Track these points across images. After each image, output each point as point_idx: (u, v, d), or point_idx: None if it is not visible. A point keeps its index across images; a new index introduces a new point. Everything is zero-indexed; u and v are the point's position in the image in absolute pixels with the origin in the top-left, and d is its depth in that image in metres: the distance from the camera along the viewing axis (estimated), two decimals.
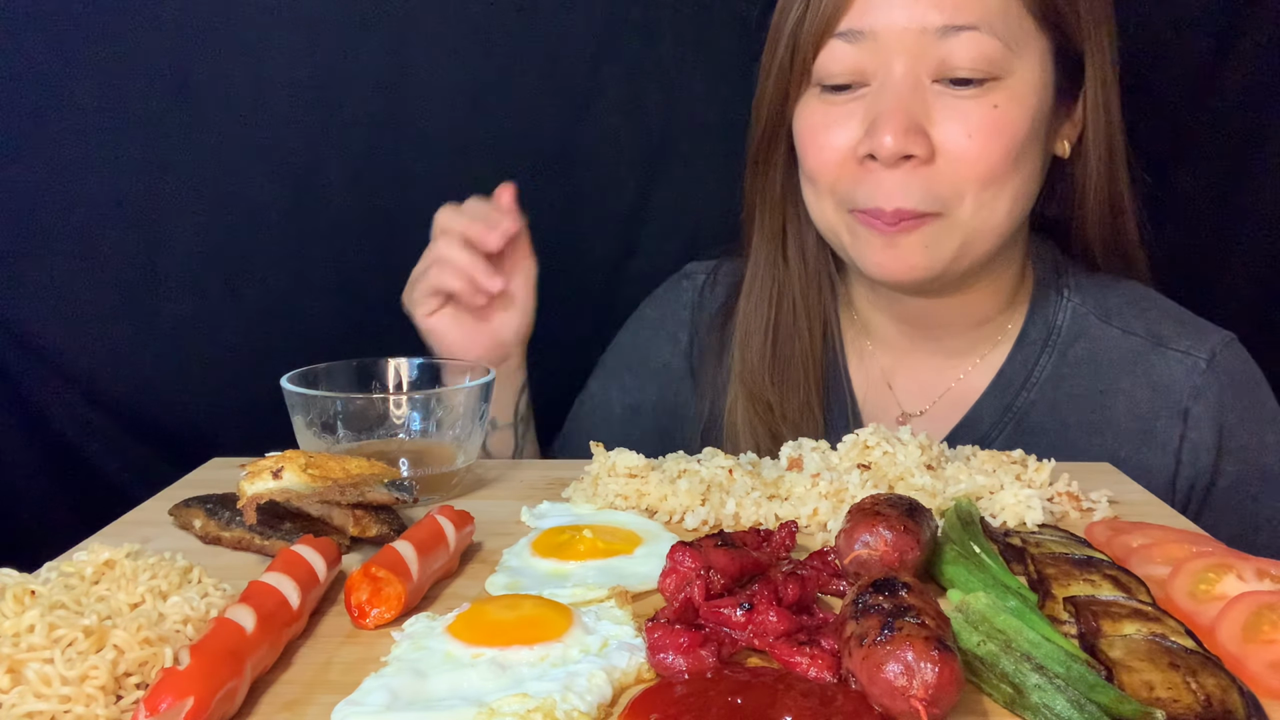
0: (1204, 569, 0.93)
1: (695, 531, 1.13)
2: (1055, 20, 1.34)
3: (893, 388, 1.58)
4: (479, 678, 0.79)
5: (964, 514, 1.06)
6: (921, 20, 1.29)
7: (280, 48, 1.85)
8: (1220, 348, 1.46)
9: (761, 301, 1.57)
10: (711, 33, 1.88)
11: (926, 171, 1.32)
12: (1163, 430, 1.45)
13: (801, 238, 1.55)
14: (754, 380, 1.55)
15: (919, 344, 1.57)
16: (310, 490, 1.05)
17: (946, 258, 1.37)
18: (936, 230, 1.35)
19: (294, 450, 1.10)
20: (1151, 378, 1.46)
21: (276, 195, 1.90)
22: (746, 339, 1.57)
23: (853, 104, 1.36)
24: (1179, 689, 0.76)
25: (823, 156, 1.39)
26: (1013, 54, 1.31)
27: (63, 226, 1.87)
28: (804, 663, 0.80)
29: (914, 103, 1.31)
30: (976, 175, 1.32)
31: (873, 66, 1.34)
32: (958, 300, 1.50)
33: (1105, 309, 1.51)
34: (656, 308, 1.74)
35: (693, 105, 1.91)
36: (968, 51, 1.29)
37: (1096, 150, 1.43)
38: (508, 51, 1.88)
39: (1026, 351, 1.52)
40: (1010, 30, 1.31)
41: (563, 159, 1.93)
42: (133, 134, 1.85)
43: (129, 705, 0.76)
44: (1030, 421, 1.49)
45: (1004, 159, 1.32)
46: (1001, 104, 1.31)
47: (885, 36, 1.31)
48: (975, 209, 1.34)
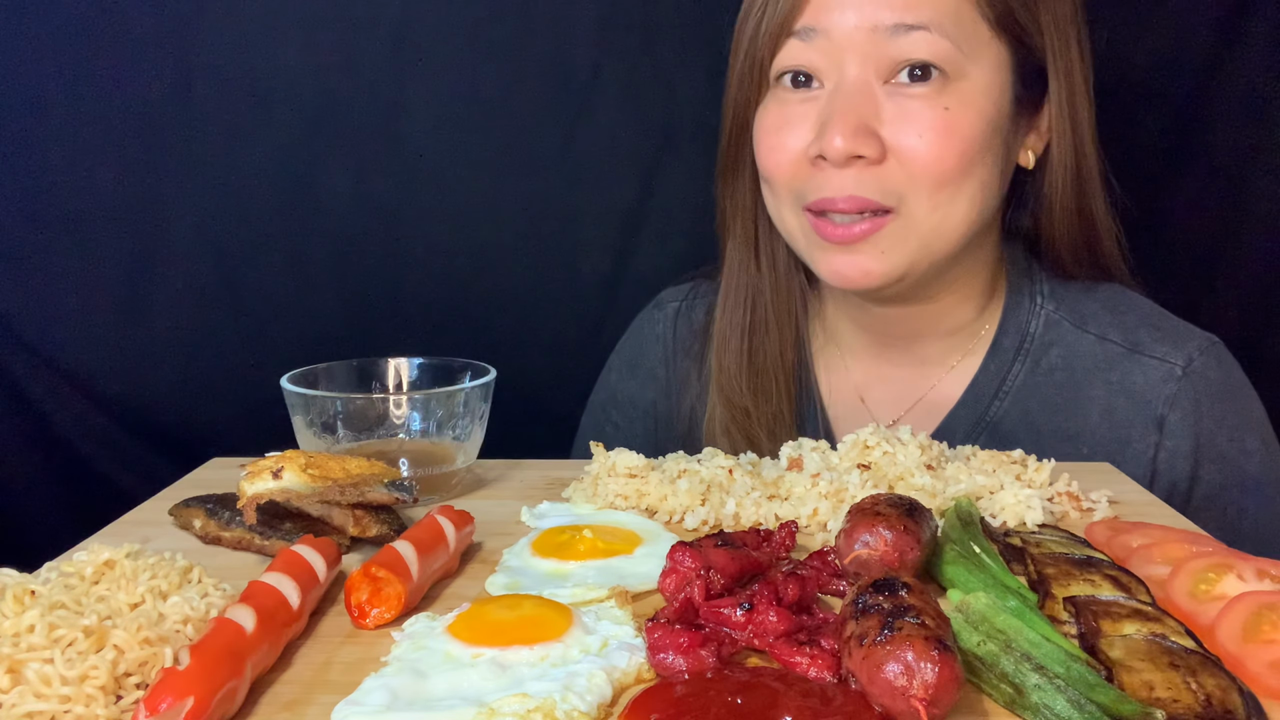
0: (1204, 569, 0.93)
1: (695, 531, 1.13)
2: (1012, 29, 1.34)
3: (864, 398, 1.58)
4: (479, 678, 0.79)
5: (964, 514, 1.06)
6: (873, 19, 1.31)
7: (280, 48, 1.85)
8: (1197, 354, 1.44)
9: (737, 308, 1.57)
10: (711, 32, 1.87)
11: (876, 170, 1.33)
12: (1138, 439, 1.44)
13: (772, 245, 1.55)
14: (730, 386, 1.55)
15: (889, 353, 1.56)
16: (310, 490, 1.05)
17: (903, 262, 1.36)
18: (892, 233, 1.35)
19: (294, 450, 1.11)
20: (1126, 385, 1.45)
21: (276, 195, 1.90)
22: (724, 345, 1.57)
23: (806, 105, 1.37)
24: (1179, 689, 0.76)
25: (775, 157, 1.40)
26: (964, 56, 1.31)
27: (62, 226, 1.87)
28: (804, 663, 0.80)
29: (864, 104, 1.32)
30: (929, 175, 1.32)
31: (826, 66, 1.35)
32: (927, 309, 1.49)
33: (1081, 315, 1.50)
34: (633, 347, 1.74)
35: (693, 105, 1.91)
36: (918, 49, 1.30)
37: (1061, 163, 1.42)
38: (508, 52, 1.88)
39: (999, 360, 1.50)
40: (963, 33, 1.31)
41: (563, 159, 1.93)
42: (133, 134, 1.85)
43: (129, 705, 0.76)
44: (1004, 430, 1.48)
45: (957, 160, 1.32)
46: (953, 106, 1.31)
47: (838, 35, 1.33)
48: (930, 209, 1.34)
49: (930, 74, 1.31)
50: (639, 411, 1.71)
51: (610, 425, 1.73)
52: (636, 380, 1.72)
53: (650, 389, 1.71)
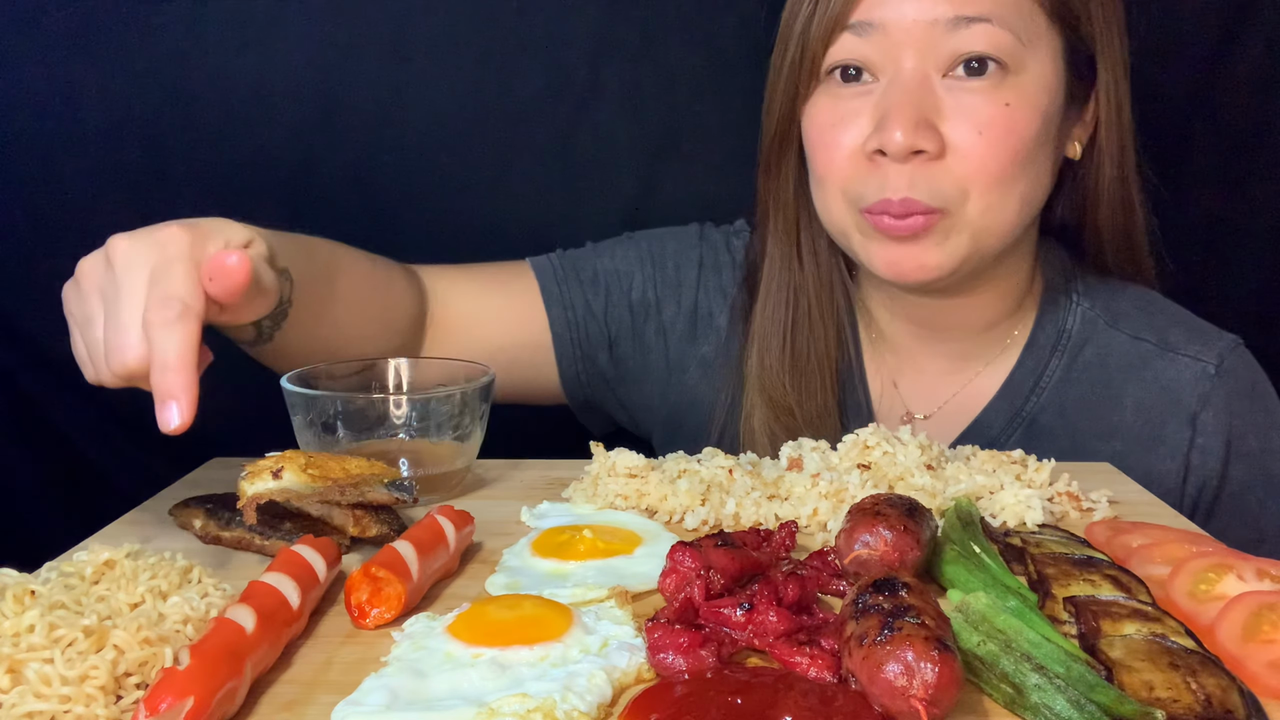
0: (1204, 569, 0.93)
1: (695, 531, 1.13)
2: (1067, 18, 1.33)
3: (902, 391, 1.58)
4: (479, 678, 0.79)
5: (964, 514, 1.06)
6: (932, 12, 1.29)
7: (280, 47, 1.85)
8: (1228, 353, 1.46)
9: (779, 305, 1.55)
10: (712, 32, 1.88)
11: (935, 167, 1.31)
12: (1172, 436, 1.45)
13: (815, 240, 1.54)
14: (773, 385, 1.53)
15: (928, 346, 1.56)
16: (310, 490, 1.05)
17: (959, 256, 1.35)
18: (945, 229, 1.34)
19: (294, 450, 1.10)
20: (1160, 383, 1.46)
21: (276, 195, 1.90)
22: (765, 342, 1.55)
23: (861, 100, 1.35)
24: (1179, 689, 0.76)
25: (831, 154, 1.38)
26: (1025, 48, 1.30)
27: (62, 227, 1.87)
28: (804, 663, 0.80)
29: (924, 97, 1.30)
30: (986, 173, 1.31)
31: (882, 60, 1.33)
32: (966, 302, 1.49)
33: (1114, 314, 1.51)
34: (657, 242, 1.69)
35: (693, 105, 1.91)
36: (979, 41, 1.28)
37: (1110, 151, 1.41)
38: (508, 51, 1.88)
39: (1036, 356, 1.51)
40: (1022, 24, 1.29)
41: (563, 159, 1.93)
42: (133, 134, 1.85)
43: (129, 705, 0.76)
44: (1040, 426, 1.49)
45: (1014, 159, 1.31)
46: (1013, 102, 1.30)
47: (895, 29, 1.31)
48: (983, 208, 1.33)
49: (988, 67, 1.30)
50: (620, 287, 1.64)
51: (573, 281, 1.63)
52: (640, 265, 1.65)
53: (648, 268, 1.65)
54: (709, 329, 1.64)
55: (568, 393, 1.67)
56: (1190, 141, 1.90)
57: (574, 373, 1.64)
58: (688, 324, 1.64)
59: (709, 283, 1.65)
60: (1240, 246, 1.95)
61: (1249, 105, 1.90)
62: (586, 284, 1.63)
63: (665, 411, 1.66)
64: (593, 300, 1.63)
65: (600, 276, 1.64)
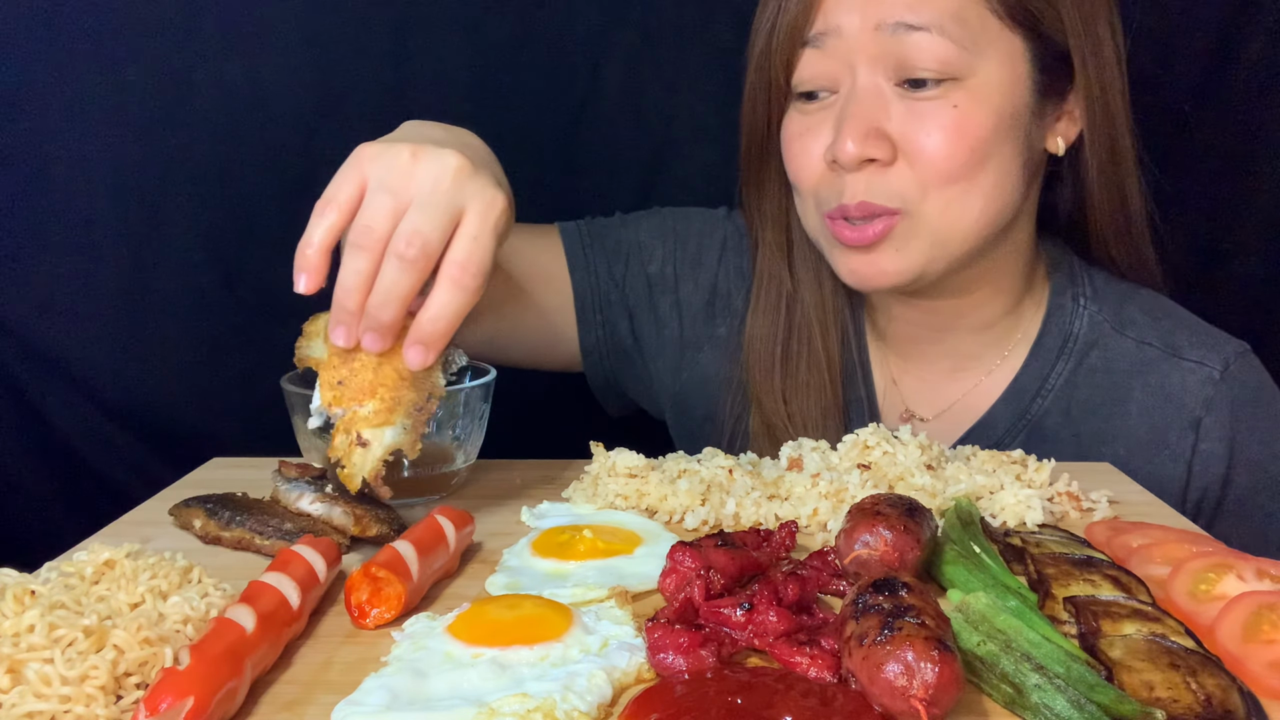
0: (1204, 569, 0.93)
1: (695, 531, 1.13)
2: (1024, 20, 1.34)
3: (907, 391, 1.58)
4: (479, 678, 0.79)
5: (964, 514, 1.06)
6: (877, 16, 1.32)
7: (280, 47, 1.85)
8: (1233, 359, 1.46)
9: (769, 315, 1.57)
10: (712, 32, 1.88)
11: (890, 172, 1.34)
12: (1175, 440, 1.45)
13: (806, 250, 1.55)
14: (766, 394, 1.55)
15: (928, 346, 1.57)
16: (404, 437, 1.07)
17: (919, 260, 1.37)
18: (904, 231, 1.35)
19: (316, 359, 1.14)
20: (1165, 388, 1.46)
21: (276, 195, 1.90)
22: (756, 355, 1.57)
23: (824, 113, 1.39)
24: (1179, 689, 0.76)
25: (800, 164, 1.42)
26: (970, 54, 1.31)
27: (62, 227, 1.87)
28: (804, 663, 0.80)
29: (875, 107, 1.33)
30: (939, 172, 1.33)
31: (839, 72, 1.36)
32: (960, 302, 1.49)
33: (1120, 318, 1.51)
34: (682, 221, 1.69)
35: (693, 105, 1.91)
36: (922, 53, 1.31)
37: (1096, 146, 1.42)
38: (508, 52, 1.88)
39: (1042, 359, 1.51)
40: (968, 32, 1.31)
41: (563, 159, 1.93)
42: (132, 134, 1.85)
43: (129, 705, 0.76)
44: (1044, 429, 1.49)
45: (969, 157, 1.32)
46: (961, 104, 1.32)
47: (846, 35, 1.34)
48: (942, 207, 1.34)
49: (927, 84, 1.32)
50: (639, 259, 1.65)
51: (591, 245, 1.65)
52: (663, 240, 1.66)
53: (670, 243, 1.66)
54: (726, 309, 1.65)
55: (587, 364, 1.67)
56: (1191, 135, 1.90)
57: (593, 340, 1.65)
58: (705, 303, 1.65)
59: (730, 264, 1.66)
60: (1243, 240, 1.95)
61: (1250, 105, 1.90)
62: (610, 252, 1.65)
63: (677, 388, 1.67)
64: (615, 268, 1.65)
65: (623, 246, 1.66)
